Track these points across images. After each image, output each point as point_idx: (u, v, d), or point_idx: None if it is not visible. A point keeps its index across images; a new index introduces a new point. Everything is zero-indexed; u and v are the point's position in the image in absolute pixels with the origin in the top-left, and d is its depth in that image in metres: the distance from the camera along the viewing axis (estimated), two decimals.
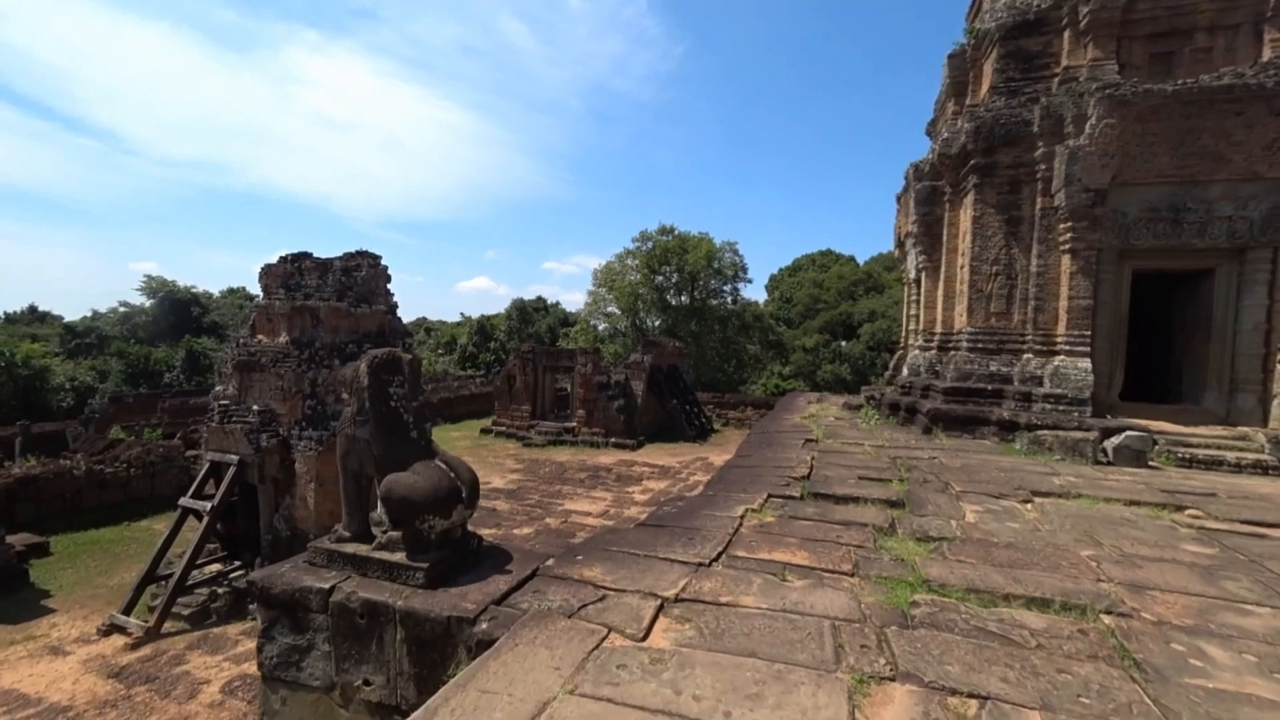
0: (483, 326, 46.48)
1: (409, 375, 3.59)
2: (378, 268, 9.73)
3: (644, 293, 36.48)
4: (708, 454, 18.79)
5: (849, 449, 7.38)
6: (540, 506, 12.81)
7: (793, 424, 9.37)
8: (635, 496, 13.79)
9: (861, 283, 46.76)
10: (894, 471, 6.11)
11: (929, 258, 9.95)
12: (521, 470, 16.07)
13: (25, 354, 27.76)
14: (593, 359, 19.52)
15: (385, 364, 3.56)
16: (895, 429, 8.98)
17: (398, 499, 3.26)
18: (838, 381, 41.23)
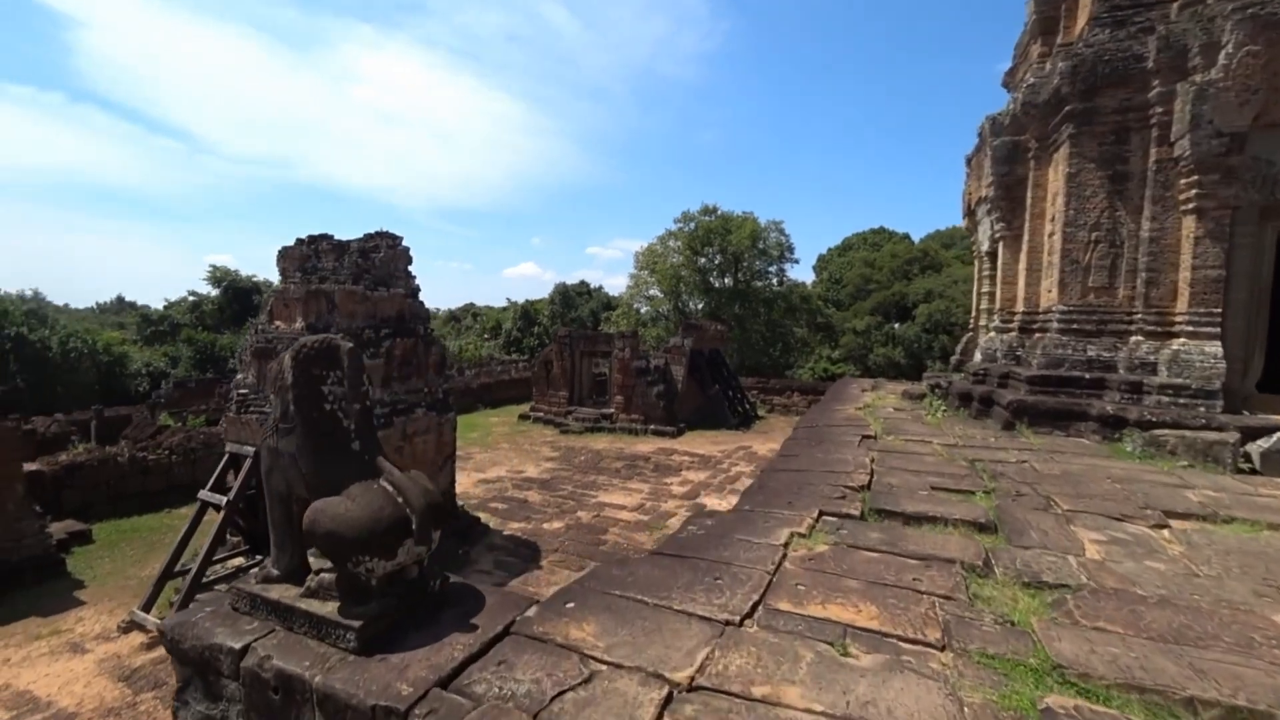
0: (526, 311, 46.37)
1: (350, 369, 2.76)
2: (397, 249, 9.09)
3: (686, 275, 35.26)
4: (751, 443, 17.67)
5: (915, 448, 6.21)
6: (573, 498, 12.12)
7: (846, 416, 8.21)
8: (673, 489, 12.90)
9: (917, 261, 43.88)
10: (976, 480, 4.95)
11: (1008, 225, 8.47)
12: (557, 458, 15.45)
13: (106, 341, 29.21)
14: (630, 343, 18.64)
15: (316, 356, 2.73)
16: (968, 423, 7.69)
17: (323, 534, 2.45)
18: (891, 365, 38.94)
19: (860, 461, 5.44)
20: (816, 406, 9.88)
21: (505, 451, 16.14)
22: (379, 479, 2.68)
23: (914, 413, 8.53)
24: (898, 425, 7.49)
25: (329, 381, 2.75)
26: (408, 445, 8.56)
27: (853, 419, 7.95)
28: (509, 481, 13.30)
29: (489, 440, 17.47)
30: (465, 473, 13.92)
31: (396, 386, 8.63)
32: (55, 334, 25.19)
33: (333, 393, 2.75)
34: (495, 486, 12.92)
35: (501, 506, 11.53)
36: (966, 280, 40.50)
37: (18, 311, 24.54)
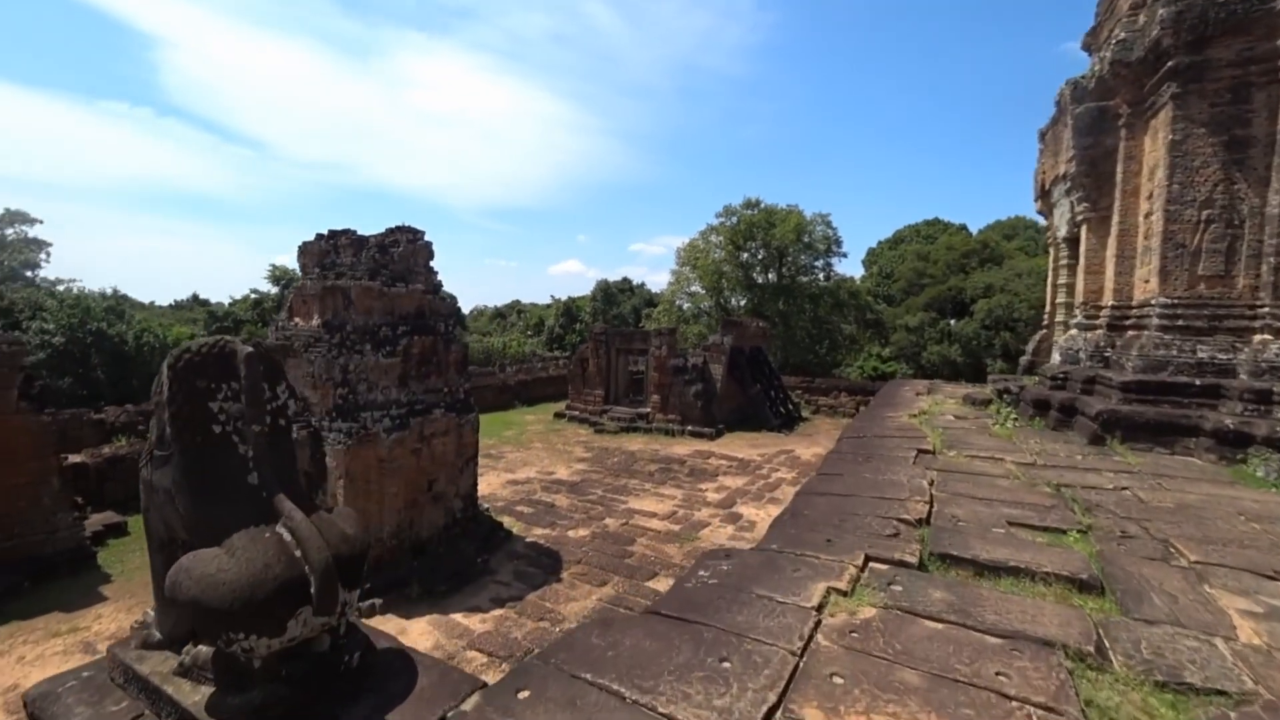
0: (569, 308, 46.27)
1: (248, 381, 2.14)
2: (417, 244, 8.65)
3: (728, 270, 34.14)
4: (793, 446, 16.61)
5: (983, 467, 5.21)
6: (602, 503, 11.49)
7: (898, 425, 7.20)
8: (708, 495, 12.08)
9: (975, 253, 41.12)
10: (1065, 513, 3.96)
11: (1093, 206, 7.22)
12: (589, 460, 14.89)
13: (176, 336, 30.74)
14: (667, 340, 17.87)
15: (202, 363, 2.13)
16: (1045, 436, 6.56)
17: (186, 602, 1.83)
18: (946, 364, 36.60)
19: (917, 485, 4.52)
20: (865, 411, 8.86)
21: (538, 451, 15.70)
22: (277, 524, 2.06)
23: (978, 421, 7.42)
24: (960, 437, 6.45)
25: (220, 396, 2.14)
26: (425, 447, 8.13)
27: (906, 429, 6.94)
28: (538, 483, 12.81)
29: (523, 439, 17.10)
30: (495, 473, 13.55)
31: (414, 386, 8.21)
32: (131, 329, 26.63)
33: (226, 411, 2.15)
34: (524, 488, 12.45)
35: (527, 510, 11.02)
36: (1032, 273, 37.59)
37: (99, 308, 26.01)
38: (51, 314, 24.02)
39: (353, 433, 7.21)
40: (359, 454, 7.24)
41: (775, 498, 12.02)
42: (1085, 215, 7.27)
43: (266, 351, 2.33)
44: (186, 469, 2.08)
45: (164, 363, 2.12)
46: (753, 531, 10.12)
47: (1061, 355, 7.37)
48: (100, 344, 24.61)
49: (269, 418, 2.27)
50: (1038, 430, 6.83)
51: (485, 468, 13.92)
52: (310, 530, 2.01)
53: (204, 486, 2.07)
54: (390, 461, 7.48)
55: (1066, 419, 6.72)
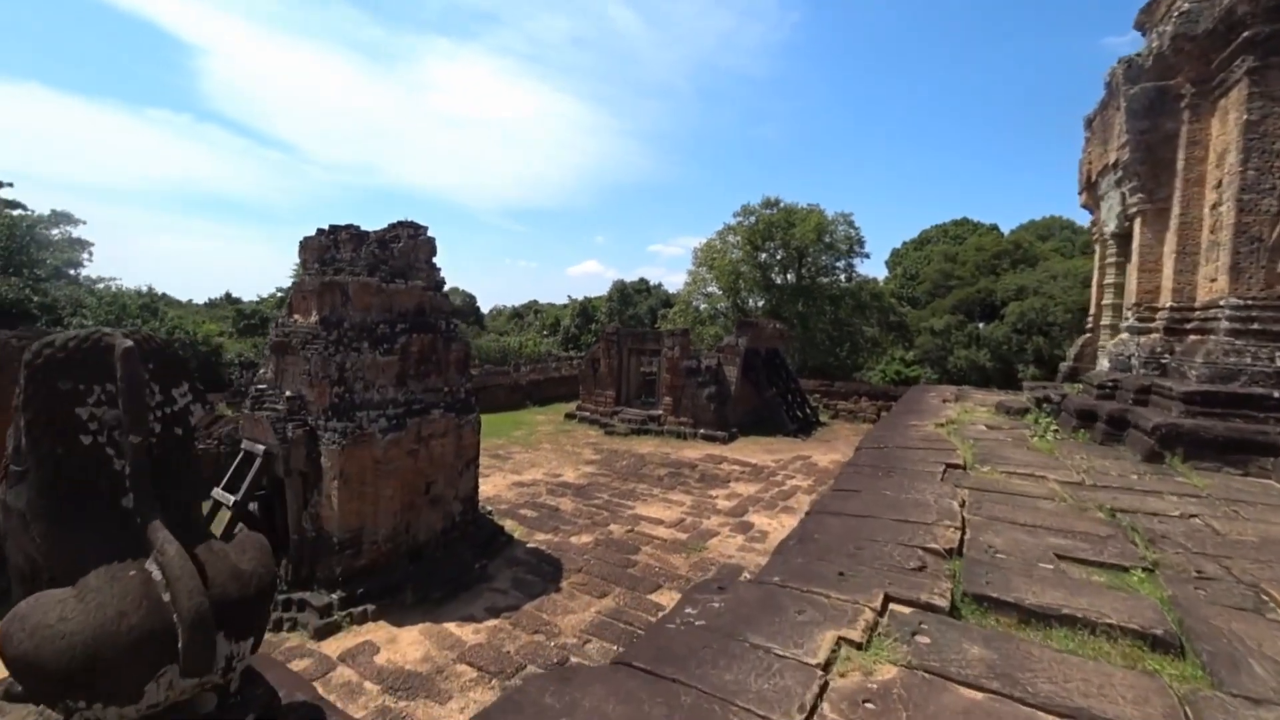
0: (585, 308, 46.04)
1: (127, 382, 1.75)
2: (418, 239, 8.34)
3: (746, 271, 33.48)
4: (810, 452, 15.99)
5: (1023, 485, 4.64)
6: (608, 509, 11.07)
7: (924, 435, 6.62)
8: (718, 503, 11.58)
9: (1006, 254, 39.73)
10: (1124, 544, 3.40)
11: (1149, 196, 6.53)
12: (598, 462, 14.48)
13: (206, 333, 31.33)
14: (680, 341, 17.39)
15: (68, 360, 1.73)
16: (1090, 450, 5.92)
17: (14, 658, 1.45)
18: (975, 369, 35.38)
19: (946, 506, 3.99)
20: (886, 418, 8.26)
21: (546, 452, 15.36)
22: (147, 558, 1.66)
23: (1014, 433, 6.79)
24: (994, 450, 5.85)
25: (92, 400, 1.75)
26: (423, 448, 7.80)
27: (933, 439, 6.36)
28: (544, 486, 12.44)
29: (532, 439, 16.78)
30: (502, 474, 13.23)
31: (413, 385, 7.88)
32: (164, 326, 27.12)
33: (98, 418, 1.76)
34: (529, 491, 12.09)
35: (531, 514, 10.66)
36: (1069, 275, 36.09)
37: (134, 305, 26.55)
38: (91, 311, 24.53)
39: (348, 432, 6.90)
40: (354, 454, 6.93)
41: (789, 506, 11.46)
42: (1140, 207, 6.58)
43: (158, 346, 1.94)
44: (43, 487, 1.69)
45: (23, 359, 1.73)
46: (764, 543, 9.61)
47: (1110, 361, 6.69)
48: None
49: (158, 426, 1.88)
50: (1083, 444, 6.19)
51: (491, 468, 13.63)
52: (184, 567, 1.60)
53: (63, 509, 1.68)
54: (386, 463, 7.16)
55: (1116, 432, 6.07)
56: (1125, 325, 6.86)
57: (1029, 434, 6.68)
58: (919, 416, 7.84)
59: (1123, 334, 6.88)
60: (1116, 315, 8.16)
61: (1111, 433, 6.11)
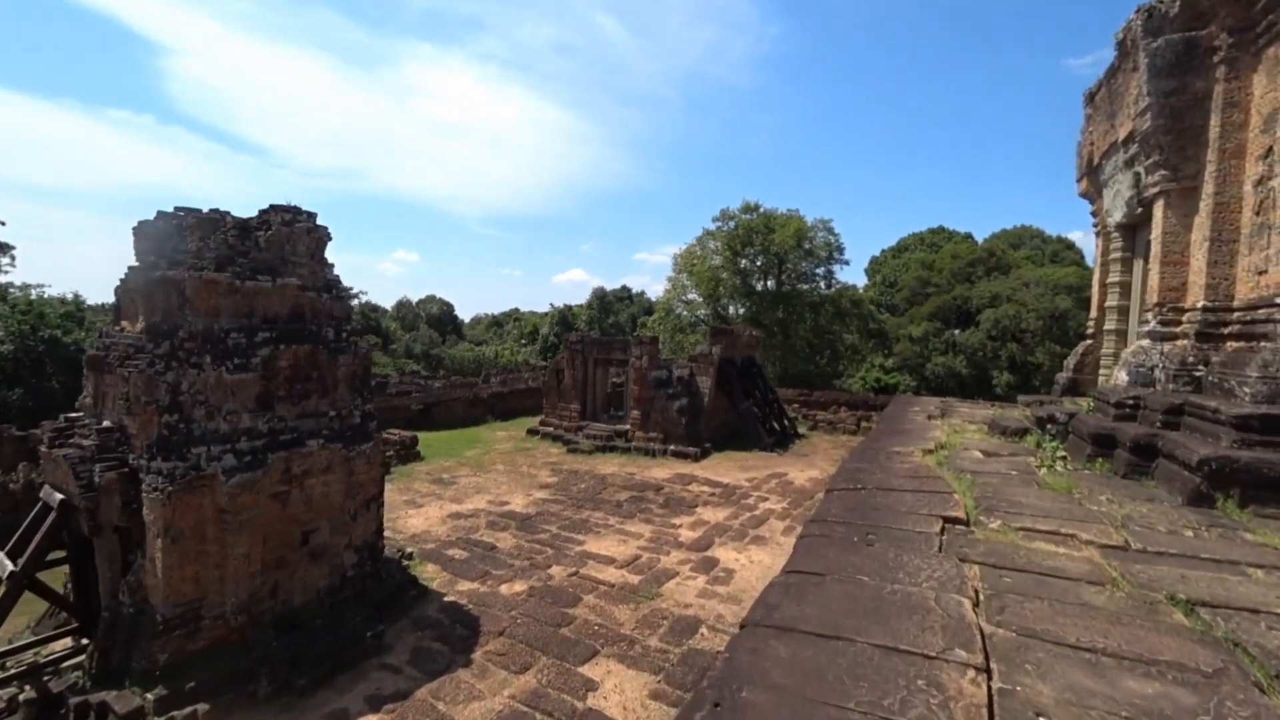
0: (564, 316, 44.54)
1: None
2: (295, 227, 6.79)
3: (726, 277, 32.27)
4: (786, 469, 14.61)
5: (1049, 554, 3.26)
6: (553, 545, 9.54)
7: (910, 466, 5.24)
8: (681, 533, 10.12)
9: (981, 262, 39.11)
10: (1243, 687, 2.01)
11: (1173, 173, 5.28)
12: (554, 485, 12.94)
13: None
14: (648, 350, 15.97)
15: None
16: (1114, 487, 4.58)
17: None
18: (951, 376, 34.51)
19: (954, 609, 2.57)
20: (866, 442, 6.88)
21: (497, 475, 13.77)
22: None
23: (1014, 460, 5.45)
24: (999, 491, 4.48)
25: None
26: (296, 489, 6.23)
27: (921, 473, 4.98)
28: (485, 517, 10.87)
29: (485, 460, 15.18)
30: (439, 503, 11.63)
31: (283, 410, 6.32)
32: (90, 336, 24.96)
33: None
34: (466, 524, 10.51)
35: (460, 555, 9.09)
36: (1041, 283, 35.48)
37: (54, 314, 24.35)
38: (2, 320, 22.35)
39: (178, 475, 5.31)
40: (187, 503, 5.34)
41: (760, 536, 10.04)
42: (1162, 187, 5.33)
43: None
44: None
45: None
46: (728, 584, 8.17)
47: (1129, 374, 5.40)
48: (54, 353, 22.94)
49: None
50: (1101, 477, 4.85)
51: (429, 497, 12.04)
52: None
53: None
54: (236, 512, 5.58)
55: (1143, 463, 4.74)
56: (1145, 330, 5.57)
57: (1033, 462, 5.33)
58: (903, 440, 6.47)
59: (1141, 341, 5.58)
60: (1123, 319, 6.91)
61: (1137, 464, 4.78)
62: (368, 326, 36.44)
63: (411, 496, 12.00)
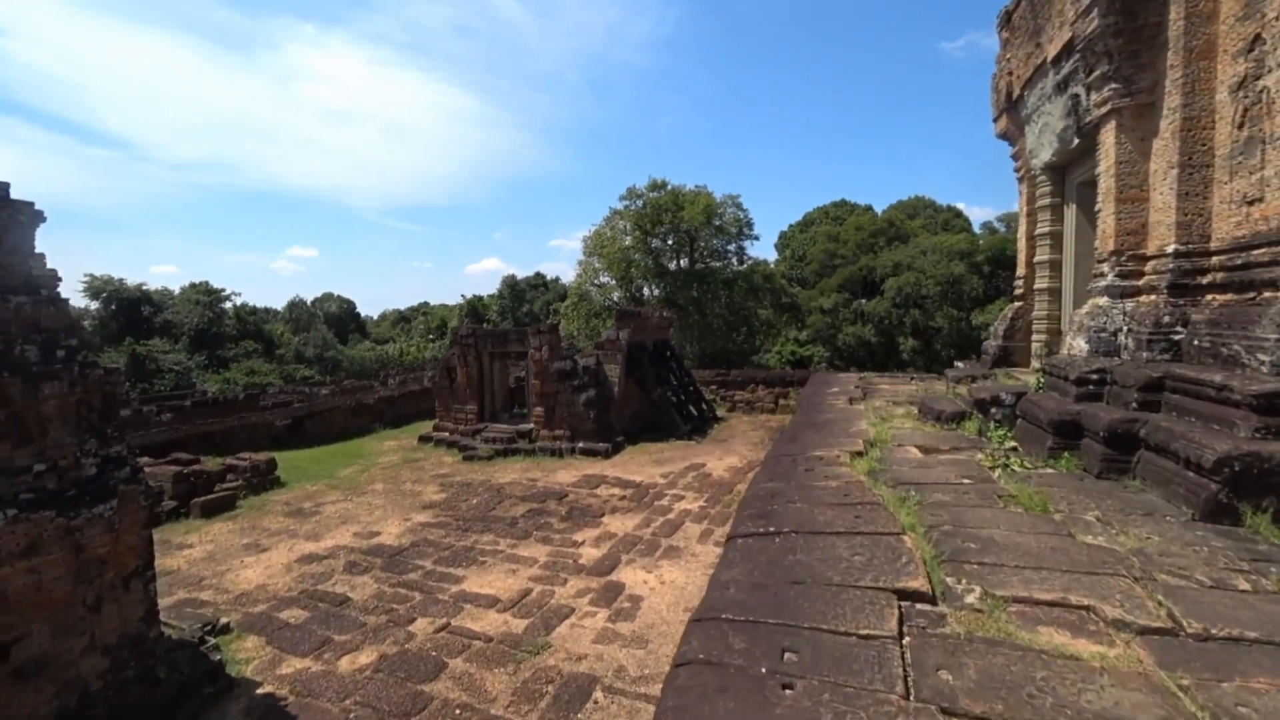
0: (474, 307, 41.44)
1: None
2: None
3: (638, 258, 30.77)
4: (704, 459, 13.40)
5: (1065, 649, 1.88)
6: (424, 587, 7.64)
7: (837, 482, 3.87)
8: (582, 553, 8.52)
9: (882, 233, 40.16)
10: None
11: (1125, 86, 4.19)
12: (439, 505, 10.92)
13: None
14: (548, 340, 14.11)
15: None
16: (1096, 496, 3.42)
17: None
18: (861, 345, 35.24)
19: None
20: (782, 443, 5.54)
21: (373, 498, 11.52)
22: None
23: (960, 460, 4.24)
24: (959, 520, 3.16)
25: None
26: None
27: (853, 494, 3.60)
28: (345, 556, 8.73)
29: (361, 479, 12.81)
30: (290, 544, 9.31)
31: None
32: None
33: None
34: (317, 570, 8.34)
35: (298, 617, 6.97)
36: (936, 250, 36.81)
37: None
38: None
39: None
40: None
41: (674, 547, 8.64)
42: (1114, 104, 4.23)
43: None
44: None
45: None
46: (633, 621, 6.66)
47: (1088, 340, 4.33)
48: None
49: None
50: (1072, 478, 3.72)
51: (278, 536, 9.67)
52: None
53: None
54: None
55: (1121, 458, 3.63)
56: (1100, 285, 4.51)
57: (983, 461, 4.14)
58: (824, 437, 5.15)
59: (1097, 299, 4.54)
60: (1055, 275, 5.96)
61: (1114, 459, 3.66)
62: (245, 332, 31.79)
63: (256, 538, 9.58)
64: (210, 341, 29.67)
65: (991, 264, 35.45)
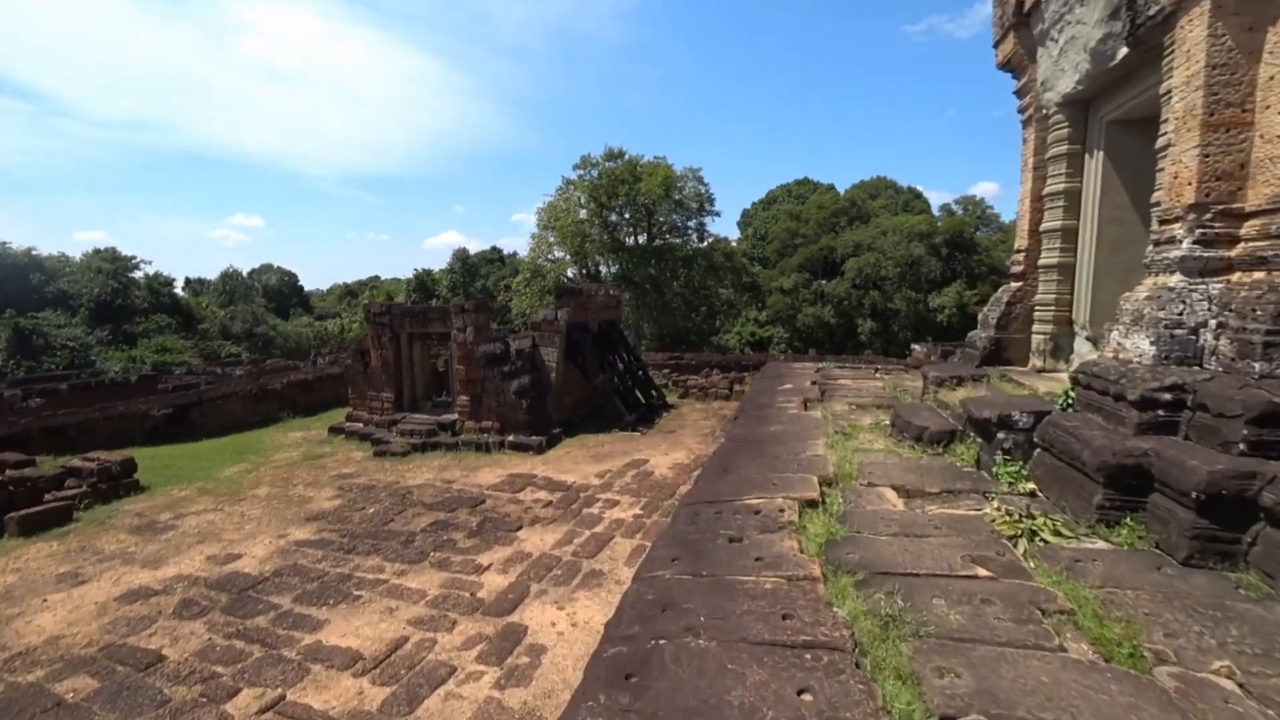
0: (422, 282, 38.62)
1: None
2: None
3: (593, 232, 28.72)
4: (648, 453, 11.89)
5: None
6: (267, 638, 5.85)
7: (778, 576, 2.35)
8: (484, 583, 6.88)
9: (844, 212, 39.13)
10: None
11: None
12: (329, 515, 9.07)
13: None
14: (474, 319, 12.20)
15: None
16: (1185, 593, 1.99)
17: None
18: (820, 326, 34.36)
19: None
20: (710, 468, 3.99)
21: (250, 505, 9.55)
22: None
23: (960, 517, 2.77)
24: (988, 676, 1.65)
25: None
26: None
27: (798, 605, 2.06)
28: (183, 592, 6.83)
29: (246, 481, 10.77)
30: (119, 573, 7.31)
31: None
32: None
33: None
34: (140, 611, 6.42)
35: (81, 689, 5.09)
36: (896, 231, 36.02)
37: None
38: None
39: None
40: None
41: (597, 572, 7.08)
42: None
43: None
44: None
45: None
46: (528, 685, 5.09)
47: (1153, 338, 2.88)
48: None
49: None
50: (1143, 562, 2.29)
51: (109, 561, 7.64)
52: None
53: None
54: None
55: (1226, 537, 2.21)
56: (1170, 257, 3.05)
57: (995, 520, 2.67)
58: (766, 465, 3.61)
59: (1164, 276, 3.09)
60: (1069, 247, 4.53)
61: (1217, 538, 2.22)
62: (158, 305, 28.39)
63: (78, 565, 7.55)
64: (115, 315, 26.27)
65: (949, 246, 34.91)
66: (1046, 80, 4.42)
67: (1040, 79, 4.52)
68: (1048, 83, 4.40)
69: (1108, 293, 3.91)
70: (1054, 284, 4.47)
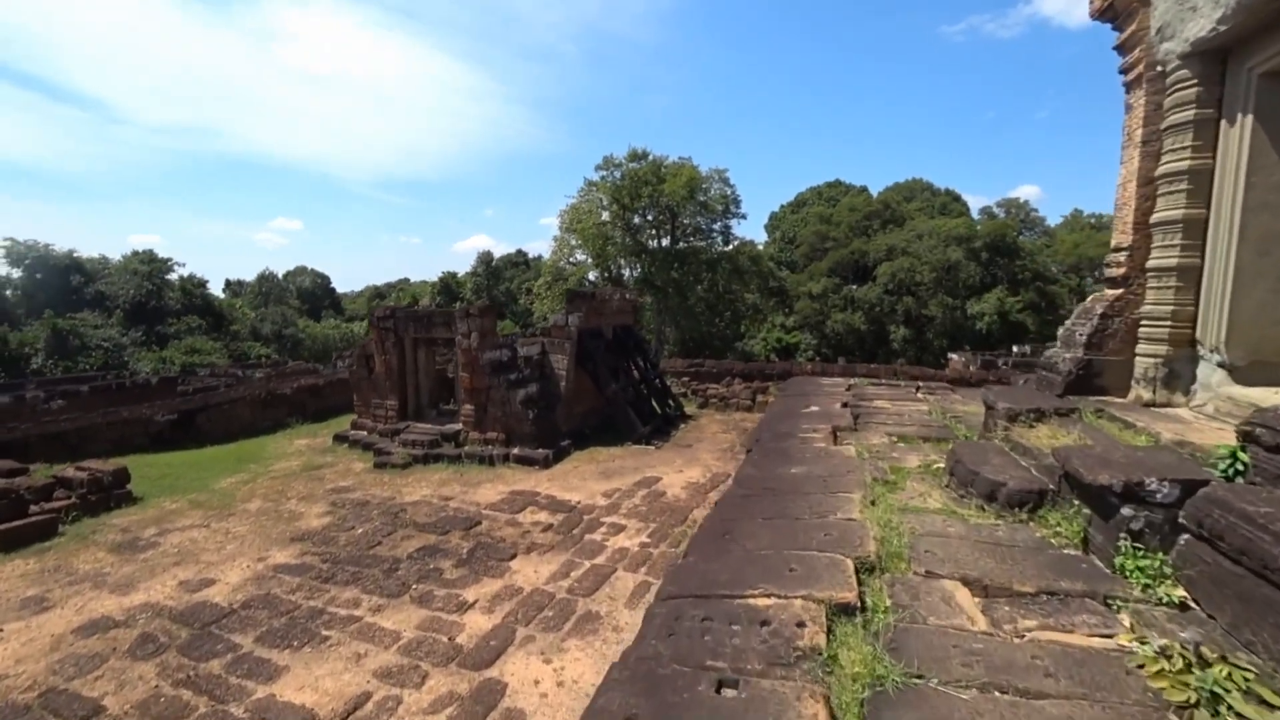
0: (447, 285, 38.57)
1: None
2: None
3: (615, 235, 27.98)
4: (661, 470, 10.97)
5: None
6: (216, 689, 5.15)
7: None
8: (465, 624, 6.07)
9: (877, 215, 37.43)
10: None
11: None
12: (317, 534, 8.44)
13: None
14: (479, 324, 11.51)
15: None
16: None
17: None
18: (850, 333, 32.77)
19: None
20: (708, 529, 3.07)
21: (238, 521, 9.00)
22: None
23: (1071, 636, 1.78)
24: None
25: None
26: None
27: None
28: (145, 624, 6.23)
29: (240, 493, 10.28)
30: (86, 598, 6.78)
31: None
32: None
33: None
34: (95, 647, 5.83)
35: None
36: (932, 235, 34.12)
37: None
38: None
39: None
40: None
41: (592, 615, 6.19)
42: None
43: None
44: None
45: None
46: None
47: None
48: None
49: None
50: None
51: (80, 584, 7.12)
52: None
53: None
54: None
55: None
56: None
57: (1141, 657, 1.67)
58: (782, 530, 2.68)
59: None
60: (1193, 244, 3.44)
61: None
62: (190, 306, 28.87)
63: (47, 588, 7.06)
64: (149, 316, 26.74)
65: (990, 250, 32.90)
66: (1167, 25, 3.34)
67: (1156, 25, 3.44)
68: (1168, 28, 3.32)
69: (1254, 305, 2.85)
70: (1170, 292, 3.37)
